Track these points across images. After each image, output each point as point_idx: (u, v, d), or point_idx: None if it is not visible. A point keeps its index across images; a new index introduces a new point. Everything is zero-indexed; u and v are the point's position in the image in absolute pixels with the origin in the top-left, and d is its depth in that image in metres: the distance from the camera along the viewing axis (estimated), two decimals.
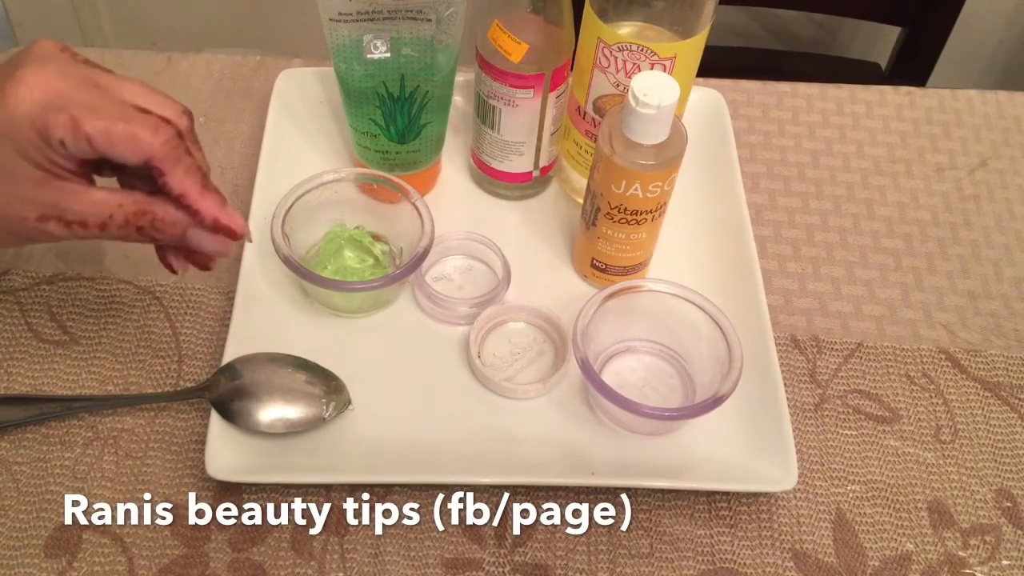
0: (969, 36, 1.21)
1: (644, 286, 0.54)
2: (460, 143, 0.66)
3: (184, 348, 0.56)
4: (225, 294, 0.58)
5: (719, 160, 0.64)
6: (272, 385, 0.52)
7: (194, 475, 0.51)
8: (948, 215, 0.66)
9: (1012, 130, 0.72)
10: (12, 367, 0.54)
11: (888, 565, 0.50)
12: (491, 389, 0.54)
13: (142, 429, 0.52)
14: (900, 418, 0.56)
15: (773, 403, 0.52)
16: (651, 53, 0.52)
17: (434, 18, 0.53)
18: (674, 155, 0.51)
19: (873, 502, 0.53)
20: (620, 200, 0.52)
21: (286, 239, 0.54)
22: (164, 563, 0.48)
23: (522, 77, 0.55)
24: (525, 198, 0.64)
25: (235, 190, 0.63)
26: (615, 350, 0.56)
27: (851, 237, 0.64)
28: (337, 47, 0.54)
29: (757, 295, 0.56)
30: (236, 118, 0.67)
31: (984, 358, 0.59)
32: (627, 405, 0.49)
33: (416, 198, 0.56)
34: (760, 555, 0.50)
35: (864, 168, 0.69)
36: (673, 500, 0.52)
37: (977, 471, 0.54)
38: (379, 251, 0.58)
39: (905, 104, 0.73)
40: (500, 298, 0.57)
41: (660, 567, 0.50)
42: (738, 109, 0.71)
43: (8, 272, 0.58)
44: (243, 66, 0.71)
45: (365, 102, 0.57)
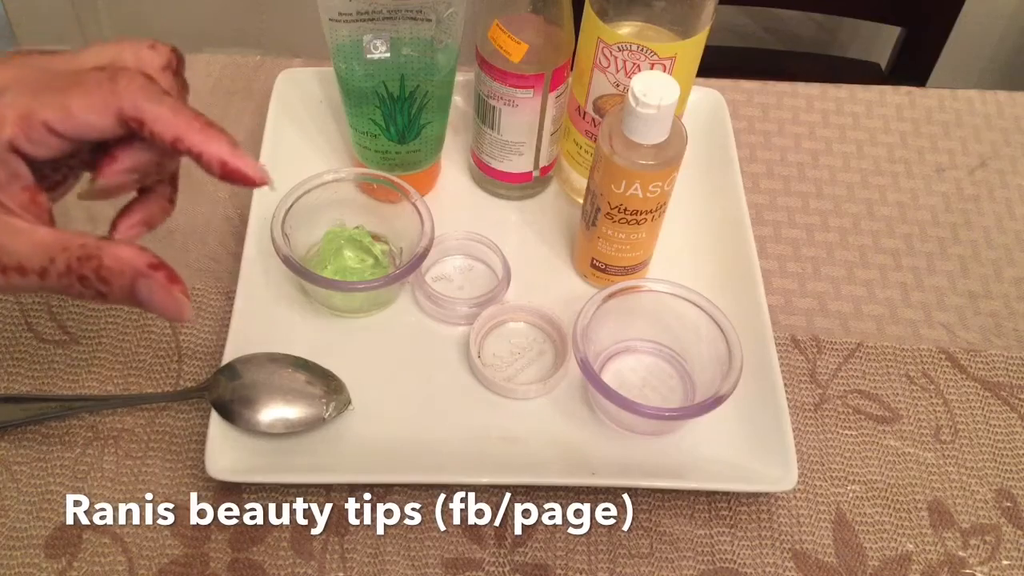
0: (969, 36, 1.21)
1: (644, 286, 0.54)
2: (460, 143, 0.66)
3: (184, 348, 0.56)
4: (225, 294, 0.58)
5: (719, 160, 0.64)
6: (272, 385, 0.52)
7: (194, 475, 0.51)
8: (948, 215, 0.66)
9: (1012, 130, 0.72)
10: (12, 367, 0.54)
11: (888, 565, 0.50)
12: (491, 389, 0.54)
13: (142, 429, 0.52)
14: (900, 418, 0.56)
15: (773, 403, 0.52)
16: (651, 53, 0.52)
17: (434, 18, 0.53)
18: (674, 155, 0.51)
19: (873, 502, 0.53)
20: (620, 200, 0.52)
21: (286, 239, 0.54)
22: (164, 563, 0.48)
23: (522, 77, 0.55)
24: (525, 198, 0.64)
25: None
26: (615, 350, 0.56)
27: (851, 237, 0.64)
28: (337, 47, 0.54)
29: (757, 295, 0.56)
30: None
31: (984, 358, 0.59)
32: (627, 405, 0.49)
33: (416, 198, 0.56)
34: (760, 555, 0.50)
35: (864, 168, 0.69)
36: (673, 500, 0.52)
37: (977, 471, 0.54)
38: (379, 251, 0.58)
39: (905, 104, 0.73)
40: (500, 298, 0.57)
41: (660, 567, 0.50)
42: (738, 109, 0.71)
43: None
44: (243, 66, 0.71)
45: (365, 102, 0.57)
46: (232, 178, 0.35)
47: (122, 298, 0.34)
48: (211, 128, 0.35)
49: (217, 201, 0.63)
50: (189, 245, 0.60)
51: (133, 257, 0.34)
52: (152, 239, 0.60)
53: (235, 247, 0.59)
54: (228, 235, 0.61)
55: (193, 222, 0.61)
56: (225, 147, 0.35)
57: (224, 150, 0.35)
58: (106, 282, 0.33)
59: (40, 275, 0.33)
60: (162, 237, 0.60)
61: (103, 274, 0.33)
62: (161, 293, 0.34)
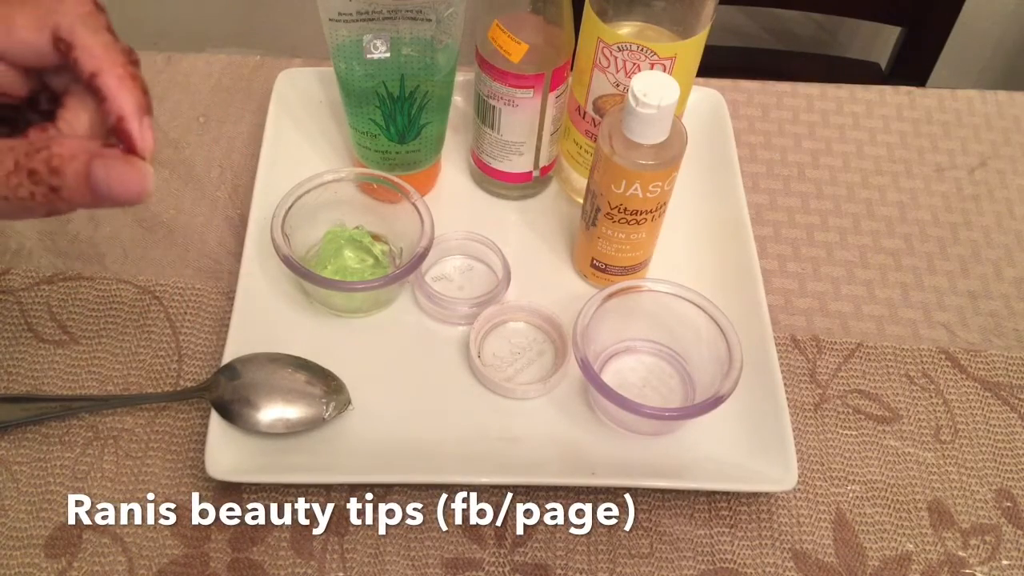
0: (969, 36, 1.21)
1: (644, 286, 0.54)
2: (460, 143, 0.66)
3: (184, 348, 0.56)
4: (225, 294, 0.58)
5: (719, 160, 0.64)
6: (272, 385, 0.52)
7: (194, 475, 0.51)
8: (948, 215, 0.66)
9: (1012, 130, 0.72)
10: (12, 367, 0.54)
11: (888, 565, 0.50)
12: (491, 389, 0.54)
13: (142, 429, 0.52)
14: (900, 418, 0.56)
15: (773, 403, 0.52)
16: (651, 53, 0.52)
17: (434, 18, 0.53)
18: (674, 155, 0.51)
19: (873, 502, 0.53)
20: (620, 200, 0.52)
21: (286, 239, 0.54)
22: (164, 563, 0.48)
23: (522, 77, 0.55)
24: (525, 198, 0.64)
25: (235, 190, 0.63)
26: (615, 350, 0.56)
27: (851, 237, 0.64)
28: (337, 47, 0.54)
29: (757, 295, 0.56)
30: (236, 118, 0.67)
31: (984, 358, 0.59)
32: (627, 405, 0.49)
33: (416, 198, 0.56)
34: (760, 555, 0.50)
35: (864, 168, 0.69)
36: (673, 500, 0.52)
37: (977, 471, 0.54)
38: (379, 251, 0.58)
39: (905, 104, 0.73)
40: (500, 298, 0.57)
41: (660, 567, 0.50)
42: (738, 109, 0.71)
43: (8, 272, 0.58)
44: (243, 66, 0.71)
45: (365, 102, 0.57)
46: (120, 137, 0.33)
47: (76, 188, 0.31)
48: (133, 80, 0.33)
49: (217, 201, 0.63)
50: (189, 245, 0.60)
51: (85, 142, 0.32)
52: (152, 239, 0.60)
53: (235, 247, 0.59)
54: (228, 235, 0.61)
55: (193, 222, 0.61)
56: (132, 104, 0.33)
57: (129, 107, 0.32)
58: (58, 172, 0.31)
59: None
60: (162, 237, 0.60)
61: (54, 164, 0.31)
62: (120, 166, 0.32)
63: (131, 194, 0.32)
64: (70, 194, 0.31)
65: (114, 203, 0.32)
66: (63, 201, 0.32)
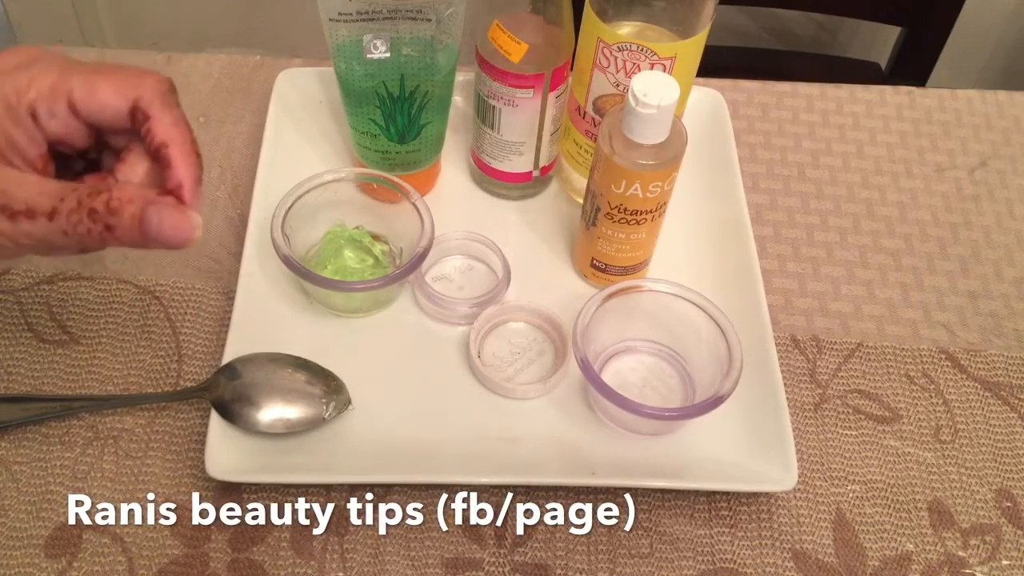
0: (969, 36, 1.21)
1: (644, 286, 0.54)
2: (460, 143, 0.66)
3: (184, 348, 0.56)
4: (225, 294, 0.58)
5: (719, 160, 0.64)
6: (272, 385, 0.52)
7: (194, 475, 0.51)
8: (948, 215, 0.66)
9: (1012, 130, 0.72)
10: (12, 367, 0.54)
11: (888, 565, 0.50)
12: (491, 389, 0.54)
13: (142, 429, 0.52)
14: (900, 418, 0.56)
15: (773, 403, 0.52)
16: (651, 53, 0.52)
17: (434, 18, 0.53)
18: (674, 155, 0.51)
19: (873, 502, 0.53)
20: (620, 200, 0.52)
21: (286, 239, 0.54)
22: (164, 563, 0.48)
23: (522, 77, 0.55)
24: (525, 198, 0.64)
25: (235, 190, 0.63)
26: (615, 350, 0.56)
27: (851, 237, 0.64)
28: (337, 47, 0.54)
29: (757, 295, 0.56)
30: (236, 118, 0.67)
31: (984, 358, 0.59)
32: (627, 405, 0.49)
33: (416, 198, 0.56)
34: (760, 555, 0.50)
35: (864, 168, 0.69)
36: (673, 500, 0.52)
37: (977, 471, 0.54)
38: (379, 251, 0.58)
39: (905, 104, 0.73)
40: (500, 298, 0.57)
41: (660, 567, 0.50)
42: (738, 109, 0.71)
43: (8, 272, 0.58)
44: (243, 66, 0.71)
45: (365, 102, 0.57)
46: (176, 197, 0.38)
47: (130, 228, 0.36)
48: (195, 155, 0.38)
49: (217, 201, 0.63)
50: None
51: (142, 189, 0.36)
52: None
53: (235, 247, 0.59)
54: (228, 235, 0.61)
55: None
56: (192, 177, 0.38)
57: (189, 180, 0.38)
58: (116, 213, 0.35)
59: (49, 216, 0.35)
60: None
61: (113, 205, 0.35)
62: (172, 214, 0.36)
63: (179, 239, 0.37)
64: (123, 233, 0.36)
65: (162, 245, 0.36)
66: (115, 239, 0.36)
